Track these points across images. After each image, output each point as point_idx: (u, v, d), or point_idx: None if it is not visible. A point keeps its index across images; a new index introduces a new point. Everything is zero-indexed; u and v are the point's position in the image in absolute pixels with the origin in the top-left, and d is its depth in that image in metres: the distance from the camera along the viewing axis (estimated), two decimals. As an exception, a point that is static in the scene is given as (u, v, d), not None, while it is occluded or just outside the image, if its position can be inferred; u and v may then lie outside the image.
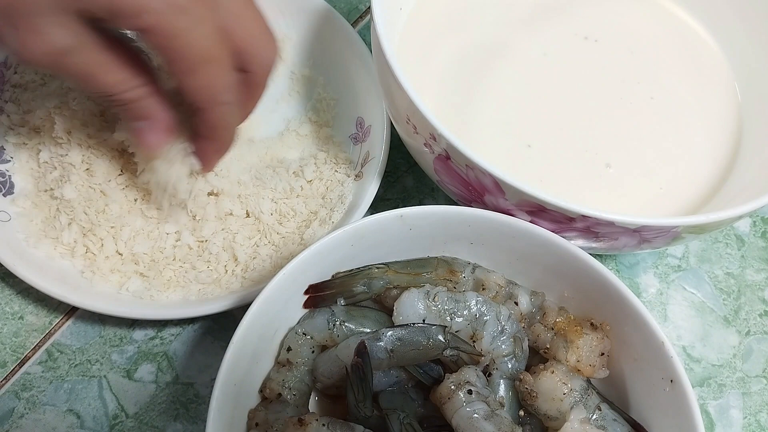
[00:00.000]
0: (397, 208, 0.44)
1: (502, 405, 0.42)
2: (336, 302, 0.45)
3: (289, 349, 0.43)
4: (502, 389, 0.43)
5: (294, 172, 0.55)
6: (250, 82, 0.44)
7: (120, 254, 0.50)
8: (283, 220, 0.53)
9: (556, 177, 0.49)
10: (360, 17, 0.67)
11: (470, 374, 0.40)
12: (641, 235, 0.42)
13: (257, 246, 0.52)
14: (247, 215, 0.52)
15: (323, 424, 0.39)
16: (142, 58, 0.42)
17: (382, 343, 0.41)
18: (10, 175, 0.53)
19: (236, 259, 0.51)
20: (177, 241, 0.51)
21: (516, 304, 0.45)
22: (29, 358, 0.51)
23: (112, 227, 0.50)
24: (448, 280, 0.45)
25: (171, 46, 0.37)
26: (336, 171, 0.55)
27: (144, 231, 0.51)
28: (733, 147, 0.53)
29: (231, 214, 0.52)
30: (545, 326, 0.45)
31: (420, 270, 0.45)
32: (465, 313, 0.43)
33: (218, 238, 0.51)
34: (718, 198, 0.50)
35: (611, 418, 0.42)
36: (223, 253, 0.51)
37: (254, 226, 0.52)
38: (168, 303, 0.49)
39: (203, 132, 0.45)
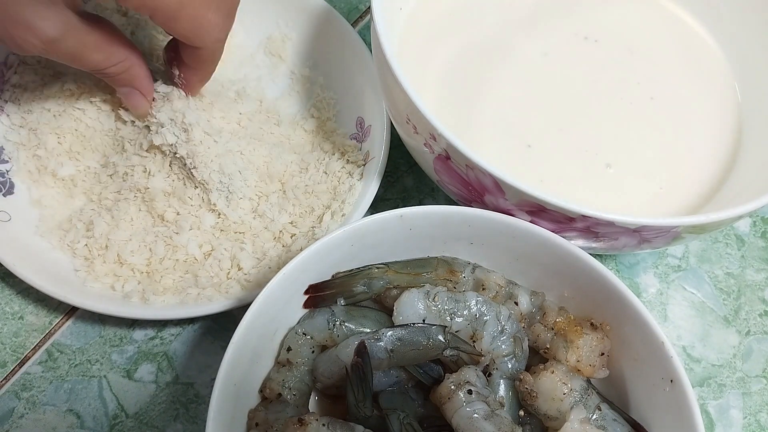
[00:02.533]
0: (397, 208, 0.44)
1: (502, 405, 0.42)
2: (336, 302, 0.45)
3: (289, 349, 0.43)
4: (502, 389, 0.43)
5: (315, 167, 0.55)
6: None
7: (120, 263, 0.50)
8: (298, 221, 0.53)
9: (556, 177, 0.49)
10: (360, 17, 0.67)
11: (470, 374, 0.40)
12: (641, 235, 0.42)
13: (267, 250, 0.52)
14: (266, 228, 0.53)
15: (323, 424, 0.39)
16: (120, 35, 0.48)
17: (382, 343, 0.41)
18: (10, 177, 0.53)
19: (240, 268, 0.51)
20: (184, 255, 0.51)
21: (516, 304, 0.45)
22: (29, 358, 0.51)
23: (128, 241, 0.50)
24: (448, 280, 0.45)
25: (147, 5, 0.41)
26: (346, 162, 0.55)
27: (146, 243, 0.51)
28: (733, 147, 0.53)
29: (250, 228, 0.52)
30: (545, 326, 0.45)
31: (420, 270, 0.45)
32: (465, 313, 0.43)
33: (226, 248, 0.51)
34: (718, 198, 0.50)
35: (611, 418, 0.42)
36: (228, 260, 0.51)
37: (269, 233, 0.52)
38: (168, 303, 0.49)
39: (191, 63, 0.50)
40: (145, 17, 0.57)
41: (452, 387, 0.40)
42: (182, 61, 0.50)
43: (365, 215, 0.50)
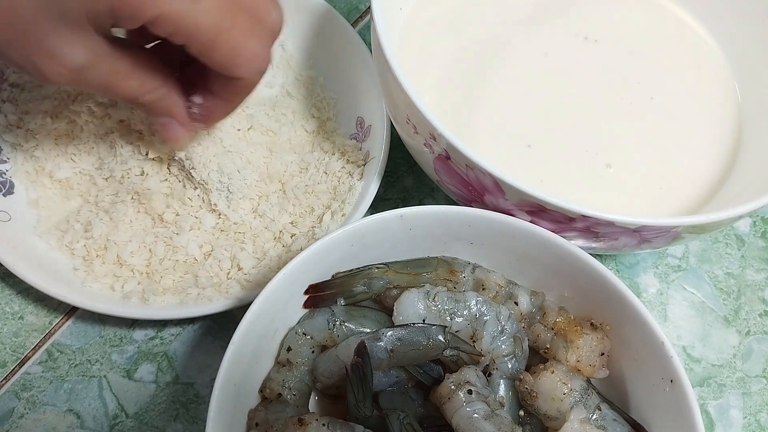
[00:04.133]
0: (397, 208, 0.44)
1: (502, 405, 0.42)
2: (336, 302, 0.45)
3: (289, 349, 0.43)
4: (502, 389, 0.43)
5: (315, 167, 0.55)
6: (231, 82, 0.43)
7: (120, 263, 0.50)
8: (298, 221, 0.53)
9: (556, 177, 0.49)
10: (360, 17, 0.67)
11: (470, 374, 0.40)
12: (641, 235, 0.42)
13: (267, 250, 0.52)
14: (266, 228, 0.53)
15: (323, 424, 0.39)
16: (155, 60, 0.43)
17: (382, 343, 0.41)
18: (10, 176, 0.53)
19: (240, 268, 0.51)
20: (184, 256, 0.51)
21: (516, 304, 0.45)
22: (29, 358, 0.51)
23: (127, 242, 0.50)
24: (448, 280, 0.45)
25: (181, 30, 0.37)
26: (346, 162, 0.55)
27: (146, 244, 0.51)
28: (733, 147, 0.53)
29: (250, 228, 0.52)
30: (545, 326, 0.45)
31: (420, 270, 0.45)
32: (465, 313, 0.43)
33: (226, 248, 0.51)
34: (718, 198, 0.50)
35: (611, 418, 0.42)
36: (228, 261, 0.51)
37: (269, 233, 0.52)
38: (168, 304, 0.49)
39: (222, 94, 0.44)
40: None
41: (452, 387, 0.40)
42: (209, 90, 0.44)
43: (365, 215, 0.50)
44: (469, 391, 0.39)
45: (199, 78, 0.45)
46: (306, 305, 0.45)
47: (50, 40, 0.36)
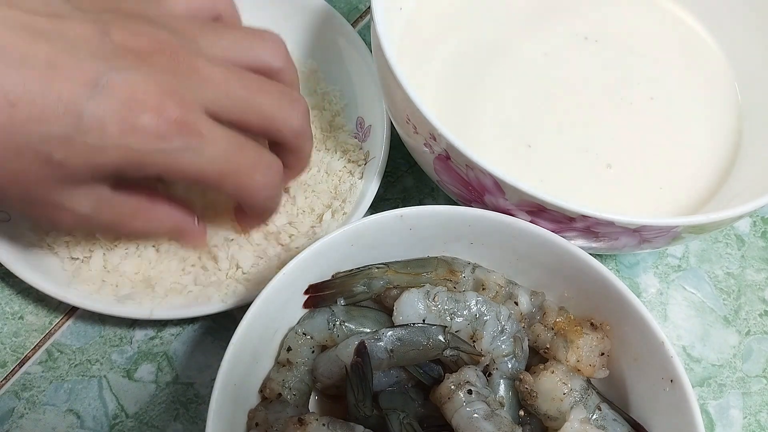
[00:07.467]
0: (397, 208, 0.44)
1: (502, 405, 0.42)
2: (336, 302, 0.45)
3: (289, 349, 0.43)
4: (502, 389, 0.43)
5: (317, 167, 0.55)
6: (287, 150, 0.46)
7: (119, 264, 0.50)
8: (298, 221, 0.53)
9: (556, 177, 0.49)
10: (360, 17, 0.67)
11: (470, 374, 0.40)
12: (641, 235, 0.42)
13: (267, 249, 0.52)
14: (266, 228, 0.52)
15: (323, 424, 0.39)
16: (156, 193, 0.45)
17: (382, 343, 0.41)
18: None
19: (239, 267, 0.51)
20: (184, 256, 0.51)
21: (516, 304, 0.45)
22: (29, 358, 0.51)
23: (128, 242, 0.50)
24: (448, 280, 0.45)
25: (189, 178, 0.39)
26: (347, 162, 0.55)
27: (146, 245, 0.50)
28: (733, 147, 0.53)
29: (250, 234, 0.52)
30: (545, 326, 0.45)
31: (420, 270, 0.45)
32: (465, 313, 0.43)
33: (226, 248, 0.51)
34: (718, 198, 0.50)
35: (611, 418, 0.42)
36: (226, 261, 0.51)
37: (269, 233, 0.52)
38: (167, 303, 0.49)
39: (249, 213, 0.49)
40: None
41: (452, 387, 0.40)
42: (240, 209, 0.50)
43: (365, 215, 0.50)
44: (469, 391, 0.39)
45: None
46: (306, 305, 0.45)
47: (54, 196, 0.37)
